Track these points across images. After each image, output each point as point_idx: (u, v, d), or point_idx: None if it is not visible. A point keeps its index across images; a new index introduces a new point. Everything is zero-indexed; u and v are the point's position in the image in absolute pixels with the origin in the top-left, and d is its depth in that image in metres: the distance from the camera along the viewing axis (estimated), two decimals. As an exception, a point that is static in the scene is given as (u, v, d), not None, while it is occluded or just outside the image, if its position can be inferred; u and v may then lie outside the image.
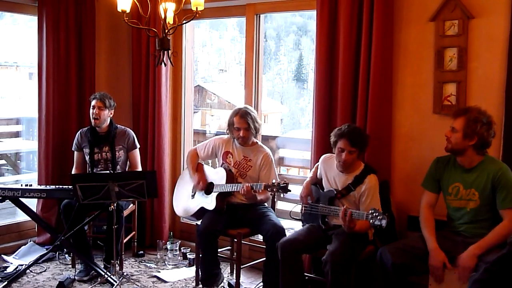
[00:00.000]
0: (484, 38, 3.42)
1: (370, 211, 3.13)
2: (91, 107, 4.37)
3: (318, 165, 3.76)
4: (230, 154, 4.09)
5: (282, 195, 3.91)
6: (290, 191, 3.57)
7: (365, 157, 3.73)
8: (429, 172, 3.31)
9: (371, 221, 3.11)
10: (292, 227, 4.53)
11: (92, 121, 4.37)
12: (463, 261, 2.94)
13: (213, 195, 3.91)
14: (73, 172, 4.51)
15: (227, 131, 4.11)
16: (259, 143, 4.13)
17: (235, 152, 4.08)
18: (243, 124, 3.94)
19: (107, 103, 4.34)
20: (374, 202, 3.38)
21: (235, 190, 3.81)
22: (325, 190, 3.62)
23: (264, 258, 3.83)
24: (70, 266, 4.46)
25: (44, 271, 4.36)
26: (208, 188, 4.03)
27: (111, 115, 4.44)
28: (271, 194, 3.84)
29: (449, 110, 3.42)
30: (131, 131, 4.57)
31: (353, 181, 3.47)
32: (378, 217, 3.07)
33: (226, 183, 3.89)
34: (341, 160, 3.44)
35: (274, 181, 3.63)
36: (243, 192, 3.72)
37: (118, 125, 4.54)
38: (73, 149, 4.53)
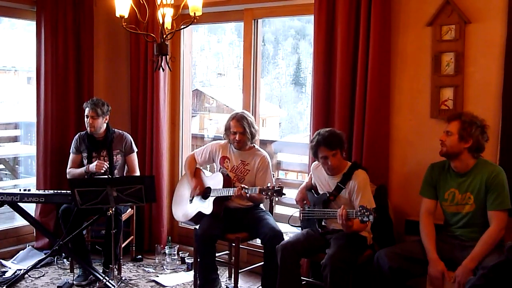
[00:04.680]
0: (481, 43, 3.43)
1: (359, 209, 3.13)
2: (85, 115, 4.37)
3: (311, 173, 3.78)
4: (227, 159, 4.09)
5: (277, 199, 3.91)
6: (284, 194, 3.59)
7: (363, 160, 3.74)
8: (425, 179, 3.31)
9: (359, 218, 3.11)
10: (290, 231, 4.52)
11: (88, 129, 4.38)
12: (458, 276, 2.95)
13: (210, 199, 3.92)
14: (67, 172, 4.50)
15: (224, 136, 4.12)
16: (257, 146, 4.14)
17: (232, 156, 4.09)
18: (239, 128, 3.96)
19: (99, 111, 4.32)
20: (364, 197, 3.37)
21: (232, 194, 3.82)
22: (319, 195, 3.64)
23: (263, 262, 3.83)
24: (69, 270, 4.46)
25: (43, 275, 4.36)
26: (205, 192, 4.04)
27: (106, 121, 4.43)
28: (266, 198, 3.85)
29: (446, 115, 3.41)
30: (128, 135, 4.58)
31: (341, 179, 3.49)
32: (366, 213, 3.08)
33: (223, 187, 3.90)
34: (329, 167, 3.47)
35: (269, 184, 3.64)
36: (235, 194, 3.74)
37: (115, 129, 4.54)
38: (71, 151, 4.52)
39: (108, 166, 4.32)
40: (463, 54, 3.47)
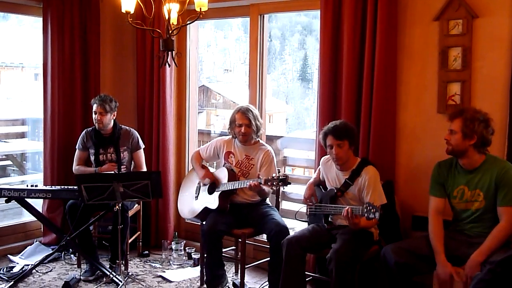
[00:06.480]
0: (489, 37, 3.41)
1: (365, 205, 3.12)
2: (93, 112, 4.38)
3: (319, 167, 3.77)
4: (232, 154, 4.10)
5: (282, 188, 3.89)
6: (290, 183, 3.57)
7: (369, 156, 3.72)
8: (433, 177, 3.27)
9: (365, 215, 3.10)
10: (296, 226, 4.53)
11: (96, 125, 4.39)
12: (466, 269, 2.94)
13: (216, 194, 3.92)
14: (74, 169, 4.52)
15: (229, 130, 4.13)
16: (261, 141, 4.14)
17: (237, 151, 4.09)
18: (244, 120, 3.96)
19: (108, 107, 4.33)
20: (375, 193, 3.35)
21: (237, 187, 3.82)
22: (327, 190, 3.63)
23: (269, 258, 3.83)
24: (76, 266, 4.48)
25: (50, 271, 4.39)
26: (211, 187, 4.04)
27: (114, 117, 4.44)
28: (272, 188, 3.83)
29: (453, 110, 3.39)
30: (135, 131, 4.59)
31: (350, 176, 3.47)
32: (372, 210, 3.07)
33: (228, 182, 3.90)
34: (334, 157, 3.46)
35: (274, 175, 3.64)
36: (250, 186, 3.70)
37: (123, 126, 4.55)
38: (77, 147, 4.53)
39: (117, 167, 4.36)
40: (470, 48, 3.45)
